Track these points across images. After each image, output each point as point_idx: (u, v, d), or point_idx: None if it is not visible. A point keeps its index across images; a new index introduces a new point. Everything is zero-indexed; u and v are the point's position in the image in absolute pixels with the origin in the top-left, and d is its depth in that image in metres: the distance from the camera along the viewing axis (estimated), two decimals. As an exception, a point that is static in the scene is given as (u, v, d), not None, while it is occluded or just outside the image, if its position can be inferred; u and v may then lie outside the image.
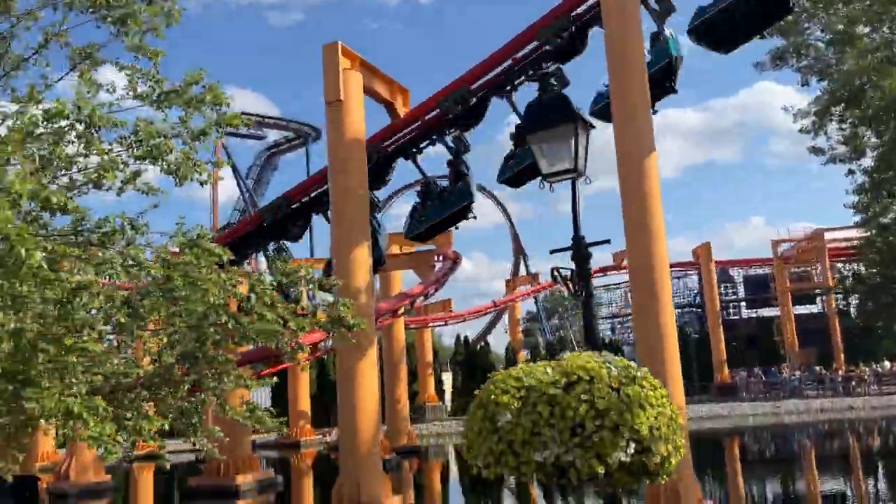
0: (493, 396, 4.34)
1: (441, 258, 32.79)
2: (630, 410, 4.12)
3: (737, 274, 58.39)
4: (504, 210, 63.33)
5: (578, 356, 4.41)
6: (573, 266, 5.11)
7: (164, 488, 29.38)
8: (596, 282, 66.86)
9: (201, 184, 6.77)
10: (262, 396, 38.80)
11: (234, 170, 56.76)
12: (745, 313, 57.58)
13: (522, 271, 59.11)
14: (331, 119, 16.94)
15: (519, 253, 62.37)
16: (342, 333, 7.48)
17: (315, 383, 42.35)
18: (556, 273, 4.74)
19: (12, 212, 5.28)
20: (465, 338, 47.03)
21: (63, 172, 6.94)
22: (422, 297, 30.06)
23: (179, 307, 7.22)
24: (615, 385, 4.23)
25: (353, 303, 7.79)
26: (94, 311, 6.28)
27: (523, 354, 46.93)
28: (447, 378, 46.52)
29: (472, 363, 44.75)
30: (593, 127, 5.35)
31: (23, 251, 5.05)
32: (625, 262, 52.92)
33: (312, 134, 59.84)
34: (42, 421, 5.58)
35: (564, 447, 4.07)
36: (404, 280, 34.46)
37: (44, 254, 5.40)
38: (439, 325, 41.54)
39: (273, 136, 61.42)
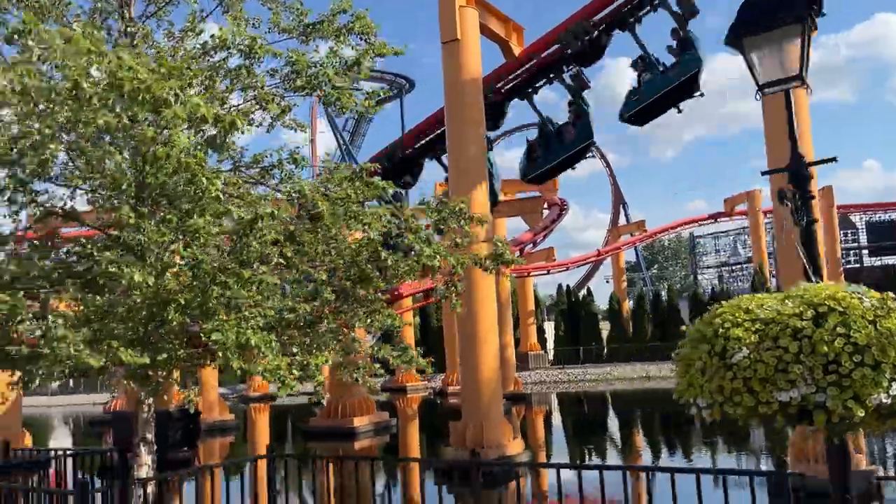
0: (721, 330, 3.89)
1: (548, 205, 32.09)
2: (893, 346, 3.59)
3: (858, 220, 54.60)
4: (603, 157, 61.55)
5: (822, 286, 3.89)
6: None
7: (280, 428, 30.74)
8: (703, 230, 64.41)
9: (359, 114, 6.52)
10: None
11: (332, 123, 57.43)
12: (868, 261, 53.95)
13: (622, 220, 57.58)
14: (447, 59, 16.47)
15: (619, 201, 60.65)
16: (500, 270, 7.20)
17: (418, 330, 43.02)
18: (784, 193, 4.18)
19: (193, 137, 5.19)
20: (568, 287, 46.38)
21: (220, 107, 6.85)
22: (530, 245, 29.59)
23: (330, 246, 7.11)
24: (870, 318, 3.69)
25: (506, 242, 7.47)
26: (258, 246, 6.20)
27: (628, 304, 45.91)
28: (549, 327, 46.16)
29: (574, 313, 44.17)
30: (816, 28, 4.66)
31: (204, 180, 4.96)
32: (738, 209, 50.44)
33: (406, 85, 59.51)
34: (220, 353, 5.58)
35: (814, 386, 3.59)
36: (508, 227, 34.07)
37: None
38: (541, 274, 40.99)
39: (367, 87, 61.37)
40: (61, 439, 31.10)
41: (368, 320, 7.64)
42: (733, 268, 64.80)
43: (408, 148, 22.49)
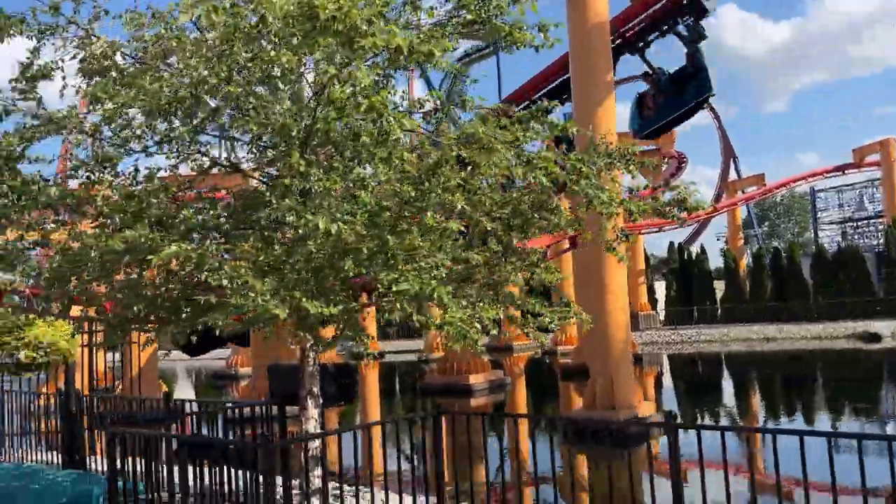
0: None
1: (665, 159, 30.63)
2: None
3: None
4: (712, 110, 58.49)
5: None
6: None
7: (391, 383, 31.27)
8: (826, 182, 60.21)
9: (536, 49, 6.00)
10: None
11: (427, 81, 57.08)
12: None
13: (732, 175, 54.76)
14: (572, 3, 15.63)
15: (730, 155, 57.66)
16: (679, 218, 6.61)
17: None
18: None
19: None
20: (680, 245, 44.55)
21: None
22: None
23: (485, 195, 6.70)
24: None
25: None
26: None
27: (744, 262, 43.68)
28: (659, 287, 44.67)
29: (687, 271, 42.47)
30: None
31: (392, 119, 4.64)
32: (867, 160, 46.68)
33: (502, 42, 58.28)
34: (398, 305, 5.31)
35: None
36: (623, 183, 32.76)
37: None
38: (652, 232, 39.53)
39: (464, 45, 60.73)
40: (187, 391, 32.93)
41: (527, 274, 7.24)
42: (858, 223, 60.44)
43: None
